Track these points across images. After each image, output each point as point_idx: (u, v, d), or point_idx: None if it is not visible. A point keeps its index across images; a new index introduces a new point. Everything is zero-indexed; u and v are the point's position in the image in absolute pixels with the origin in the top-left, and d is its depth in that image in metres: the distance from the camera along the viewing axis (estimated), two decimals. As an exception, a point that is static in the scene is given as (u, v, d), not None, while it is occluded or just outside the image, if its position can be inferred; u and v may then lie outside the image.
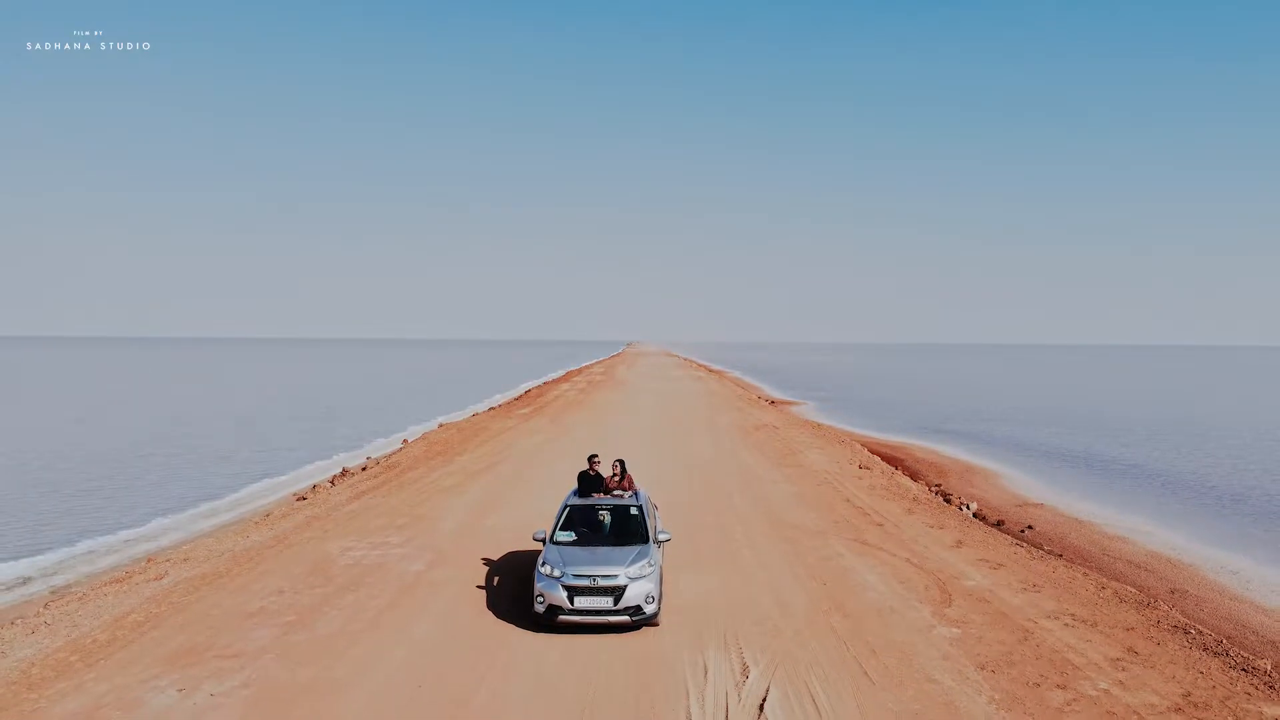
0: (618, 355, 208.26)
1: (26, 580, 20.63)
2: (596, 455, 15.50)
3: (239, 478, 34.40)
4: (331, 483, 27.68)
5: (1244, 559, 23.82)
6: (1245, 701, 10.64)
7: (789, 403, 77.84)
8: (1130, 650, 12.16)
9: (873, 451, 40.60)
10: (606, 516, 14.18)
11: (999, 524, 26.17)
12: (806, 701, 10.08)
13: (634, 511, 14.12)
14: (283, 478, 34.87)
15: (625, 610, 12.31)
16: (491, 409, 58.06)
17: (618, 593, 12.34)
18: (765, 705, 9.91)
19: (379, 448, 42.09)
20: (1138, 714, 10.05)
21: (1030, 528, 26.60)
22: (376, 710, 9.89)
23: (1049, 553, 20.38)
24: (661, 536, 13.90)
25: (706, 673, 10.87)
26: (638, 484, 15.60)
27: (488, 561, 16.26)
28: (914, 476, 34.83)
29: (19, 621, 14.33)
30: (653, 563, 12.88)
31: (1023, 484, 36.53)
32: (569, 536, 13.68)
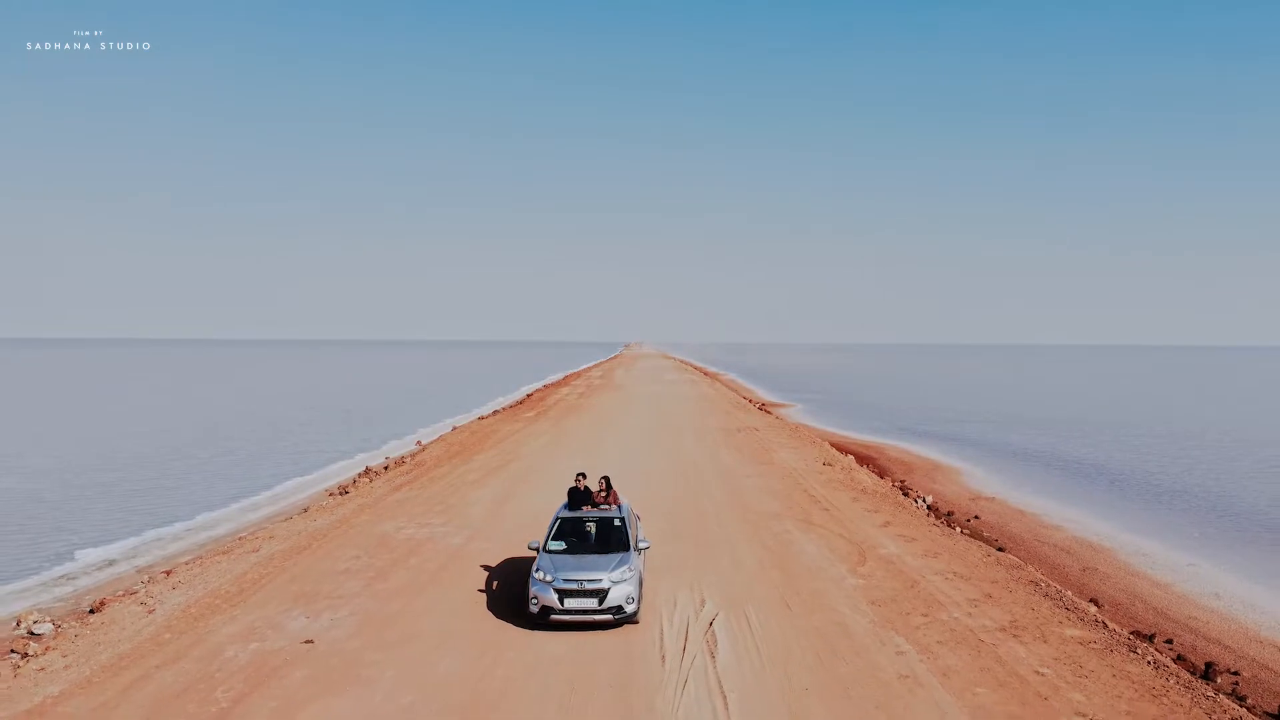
0: (615, 358, 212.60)
1: (113, 562, 24.86)
2: (584, 473, 17.11)
3: (273, 477, 38.51)
4: (369, 478, 32.11)
5: (1158, 544, 28.19)
6: (1055, 626, 15.14)
7: (779, 405, 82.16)
8: (987, 595, 16.68)
9: (848, 451, 45.00)
10: (593, 527, 15.68)
11: (949, 515, 30.38)
12: (742, 621, 14.62)
13: (617, 523, 15.61)
14: (310, 476, 39.12)
15: (608, 610, 13.97)
16: (496, 412, 62.45)
17: (602, 595, 13.95)
18: (714, 623, 14.46)
19: (395, 448, 46.33)
20: (972, 632, 14.55)
21: (976, 517, 30.99)
22: (449, 627, 14.40)
23: (965, 533, 24.84)
24: (642, 545, 15.55)
25: (675, 604, 15.43)
26: (622, 498, 17.02)
27: (514, 536, 20.75)
28: (882, 473, 39.20)
29: (160, 579, 18.85)
30: (633, 568, 14.45)
31: (982, 480, 40.92)
32: (560, 546, 15.27)
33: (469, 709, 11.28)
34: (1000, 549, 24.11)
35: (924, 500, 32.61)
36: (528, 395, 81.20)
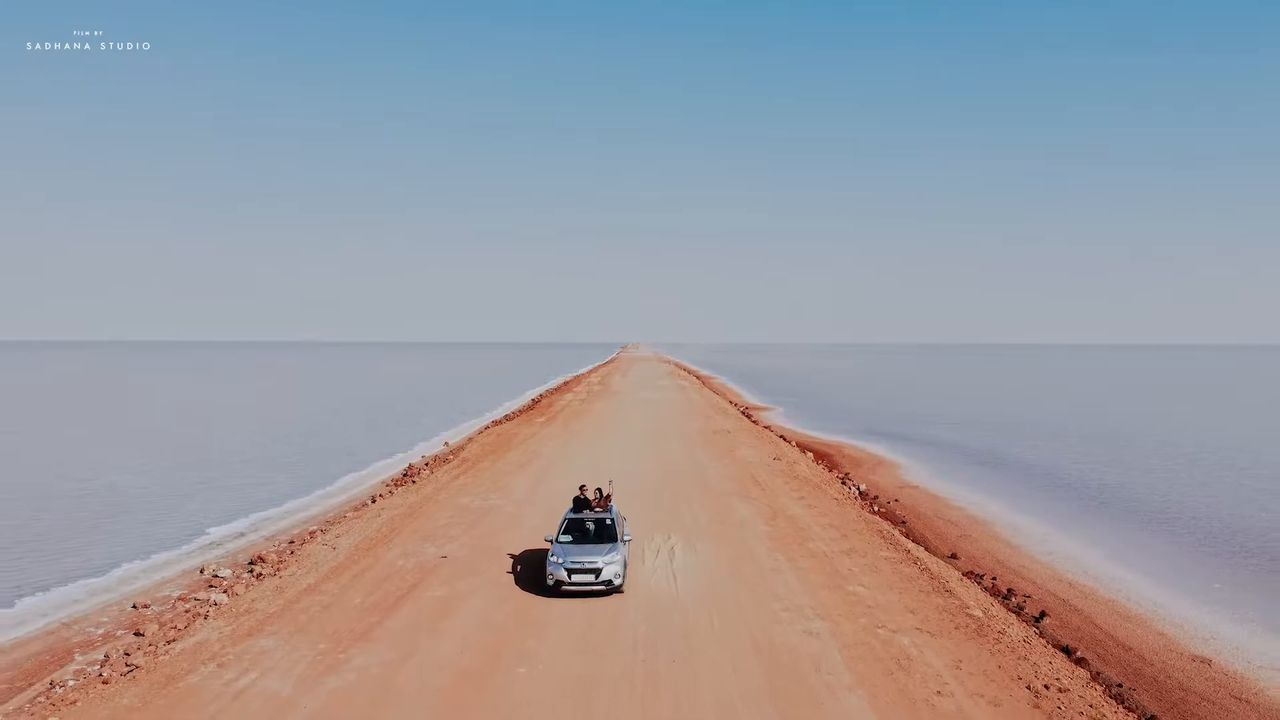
0: (612, 361, 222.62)
1: (243, 534, 34.46)
2: (585, 484, 24.51)
3: (335, 473, 47.80)
4: (431, 470, 42.46)
5: (1031, 521, 37.51)
6: (876, 551, 25.53)
7: (761, 408, 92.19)
8: (844, 536, 27.11)
9: (809, 449, 55.07)
10: (592, 525, 21.42)
11: (875, 498, 39.94)
12: (691, 547, 25.09)
13: (609, 522, 21.51)
14: (364, 472, 48.82)
15: (603, 583, 19.84)
16: (509, 417, 72.54)
17: (597, 572, 19.82)
18: (675, 548, 24.93)
19: (426, 449, 56.17)
20: (824, 553, 24.93)
21: (896, 500, 40.82)
22: (523, 548, 24.77)
23: (879, 512, 35.12)
24: (627, 537, 21.55)
25: (653, 539, 25.89)
26: (613, 501, 23.99)
27: (549, 507, 31.07)
28: (831, 467, 49.17)
29: (330, 529, 29.19)
30: (620, 554, 20.27)
31: (915, 472, 50.60)
32: (568, 538, 21.18)
33: (543, 584, 21.70)
34: (903, 521, 34.09)
35: (858, 488, 42.31)
36: (534, 401, 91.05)
